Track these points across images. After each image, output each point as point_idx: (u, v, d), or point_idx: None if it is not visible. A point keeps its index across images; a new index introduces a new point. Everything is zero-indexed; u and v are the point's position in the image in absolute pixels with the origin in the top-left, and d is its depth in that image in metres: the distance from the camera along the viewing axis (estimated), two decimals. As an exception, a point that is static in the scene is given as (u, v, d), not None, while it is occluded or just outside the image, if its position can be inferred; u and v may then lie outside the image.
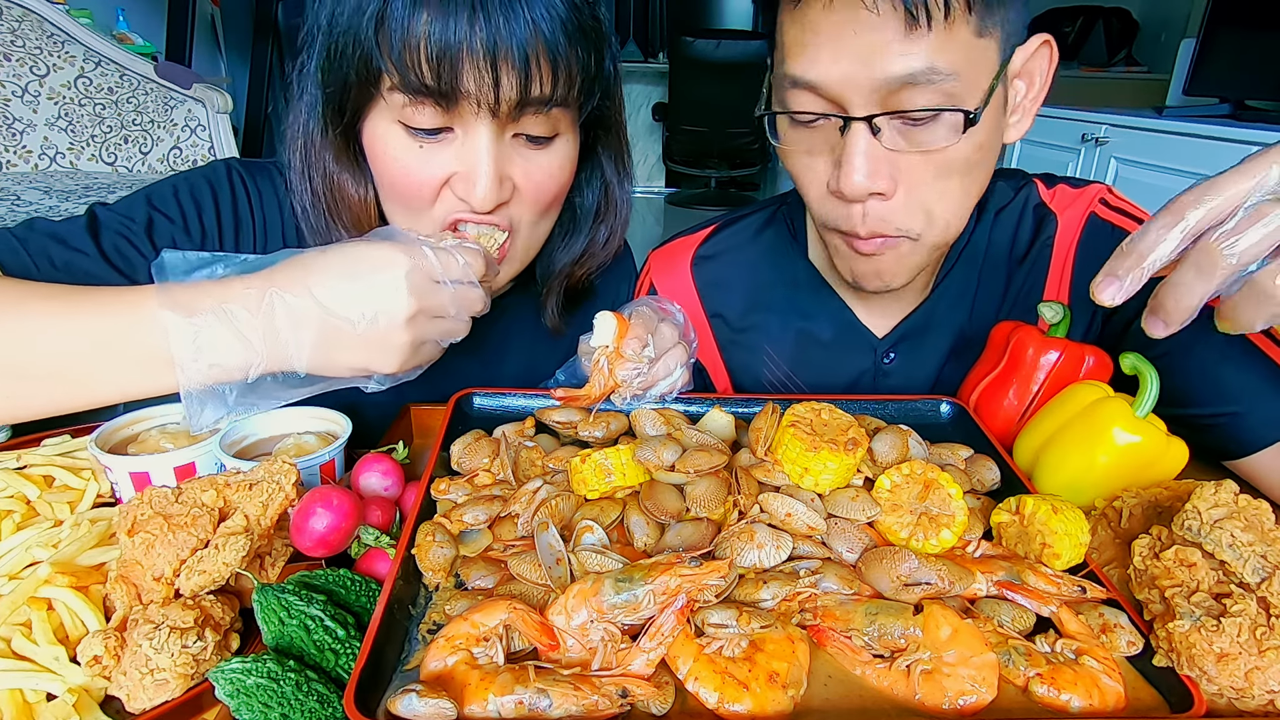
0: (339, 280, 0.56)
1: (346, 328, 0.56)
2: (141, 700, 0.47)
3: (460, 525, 0.60)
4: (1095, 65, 4.53)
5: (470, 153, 0.65)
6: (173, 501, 0.56)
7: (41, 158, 2.74)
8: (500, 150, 0.66)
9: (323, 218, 0.77)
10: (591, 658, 0.47)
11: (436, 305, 0.59)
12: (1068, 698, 0.46)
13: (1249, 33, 2.46)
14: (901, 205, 0.68)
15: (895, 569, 0.53)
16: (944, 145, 0.65)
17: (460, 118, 0.64)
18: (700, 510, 0.60)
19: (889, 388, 0.91)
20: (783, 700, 0.45)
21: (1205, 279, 0.45)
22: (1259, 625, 0.47)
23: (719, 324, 0.96)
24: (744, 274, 0.95)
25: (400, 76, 0.62)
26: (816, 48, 0.63)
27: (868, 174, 0.65)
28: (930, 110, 0.63)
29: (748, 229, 0.97)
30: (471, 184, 0.66)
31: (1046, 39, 0.69)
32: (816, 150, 0.70)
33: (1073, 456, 0.64)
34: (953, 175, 0.68)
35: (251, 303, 0.55)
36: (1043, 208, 0.88)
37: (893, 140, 0.65)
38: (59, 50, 2.72)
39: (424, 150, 0.66)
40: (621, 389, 0.69)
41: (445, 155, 0.67)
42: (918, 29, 0.60)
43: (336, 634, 0.50)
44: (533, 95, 0.63)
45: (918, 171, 0.67)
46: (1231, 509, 0.52)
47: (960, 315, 0.89)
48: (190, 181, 0.82)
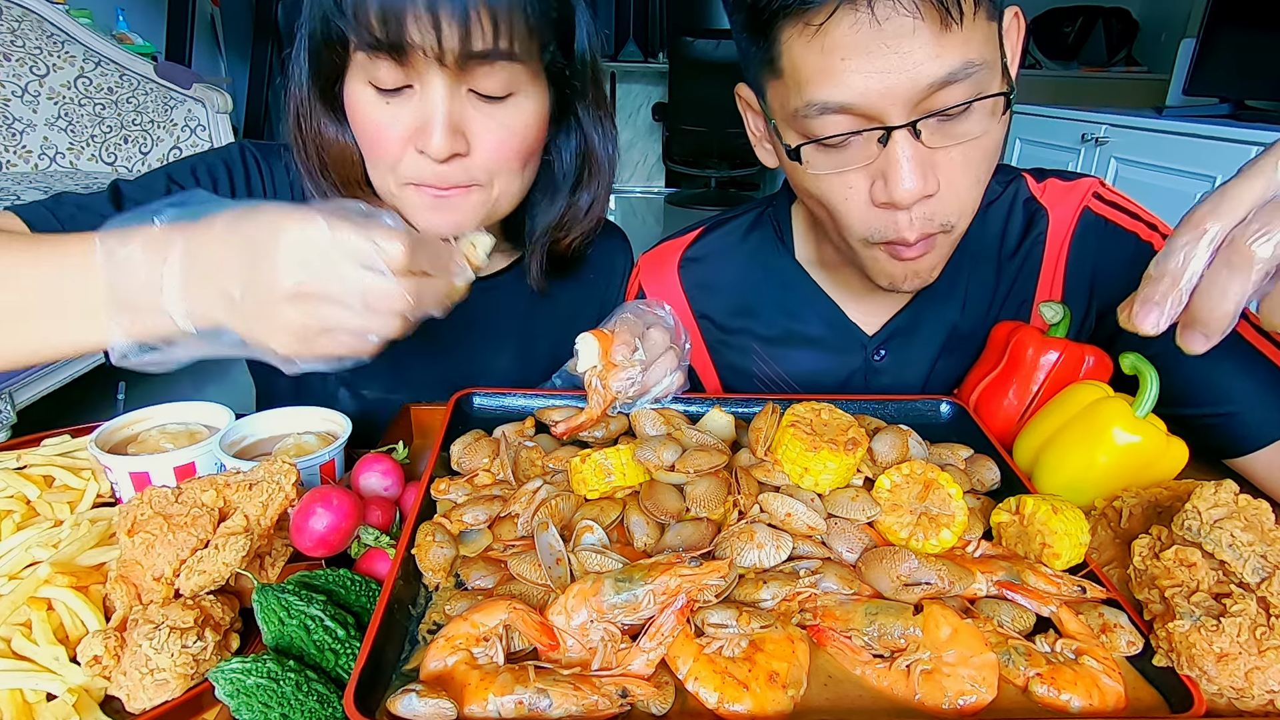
0: (235, 244, 0.51)
1: (229, 294, 0.51)
2: (141, 700, 0.47)
3: (460, 525, 0.60)
4: (1095, 65, 4.53)
5: (426, 105, 0.68)
6: (173, 501, 0.56)
7: (41, 158, 2.74)
8: (455, 104, 0.69)
9: (319, 181, 0.80)
10: (591, 658, 0.47)
11: (331, 291, 0.51)
12: (1068, 698, 0.46)
13: (1249, 33, 2.46)
14: (943, 200, 0.67)
15: (895, 569, 0.53)
16: (981, 133, 0.65)
17: (416, 73, 0.67)
18: (700, 510, 0.60)
19: (881, 385, 0.91)
20: (783, 700, 0.45)
21: (1240, 280, 0.43)
22: (1259, 625, 0.47)
23: (707, 325, 0.96)
24: (731, 276, 0.95)
25: (355, 34, 0.66)
26: (845, 69, 0.61)
27: (919, 178, 0.64)
28: (967, 103, 0.62)
29: (734, 231, 0.97)
30: (427, 135, 0.69)
31: (1016, 10, 0.69)
32: (851, 167, 0.67)
33: (1073, 456, 0.64)
34: (985, 158, 0.68)
35: (153, 253, 0.51)
36: (1033, 202, 0.87)
37: (933, 139, 0.64)
38: (59, 50, 2.72)
39: (390, 107, 0.70)
40: (619, 399, 0.68)
41: (407, 111, 0.70)
42: (952, 27, 0.59)
43: (336, 634, 0.50)
44: (475, 48, 0.65)
45: (957, 163, 0.66)
46: (1231, 509, 0.52)
47: (951, 311, 0.88)
48: (208, 161, 0.86)
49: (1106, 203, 0.84)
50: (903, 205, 0.66)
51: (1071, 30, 4.42)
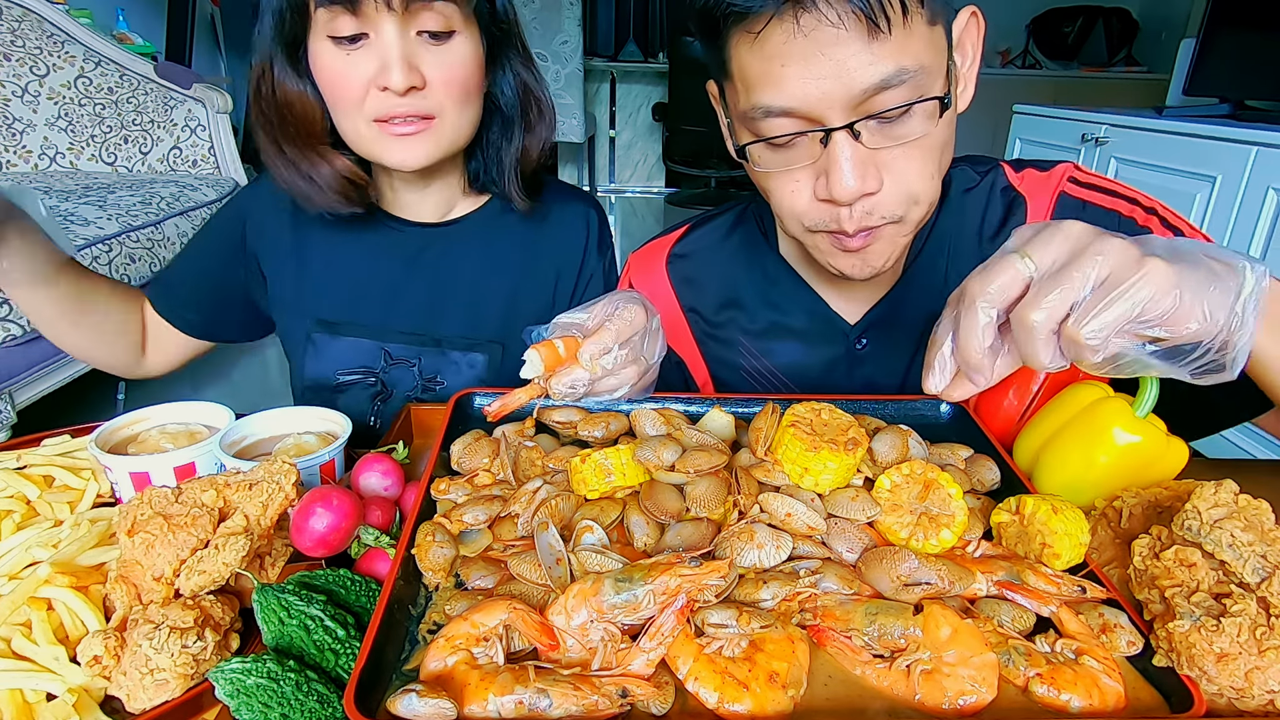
0: None
1: None
2: (141, 700, 0.47)
3: (460, 525, 0.60)
4: (1095, 65, 4.53)
5: (383, 47, 0.80)
6: (173, 501, 0.56)
7: (41, 158, 2.74)
8: (406, 44, 0.80)
9: (278, 140, 0.89)
10: (591, 658, 0.47)
11: None
12: (1068, 698, 0.46)
13: (1249, 33, 2.46)
14: (888, 196, 0.70)
15: (895, 569, 0.53)
16: (921, 134, 0.67)
17: (369, 21, 0.79)
18: (700, 510, 0.60)
19: (865, 374, 0.92)
20: (783, 700, 0.45)
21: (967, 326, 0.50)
22: (1259, 625, 0.47)
23: (695, 318, 0.99)
24: (717, 271, 0.98)
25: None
26: (784, 75, 0.64)
27: (858, 177, 0.67)
28: (904, 105, 0.65)
29: (719, 228, 1.00)
30: (388, 72, 0.80)
31: (973, 10, 0.71)
32: (796, 165, 0.71)
33: (1073, 456, 0.64)
34: (932, 156, 0.70)
35: None
36: (1011, 190, 0.88)
37: (873, 140, 0.67)
38: (59, 50, 2.72)
39: (350, 57, 0.81)
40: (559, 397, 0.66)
41: (367, 58, 0.81)
42: (880, 35, 0.61)
43: (336, 634, 0.50)
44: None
45: (900, 162, 0.69)
46: (1231, 509, 0.52)
47: (931, 300, 0.89)
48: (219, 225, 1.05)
49: (1083, 185, 0.85)
50: (843, 202, 0.69)
51: (1071, 30, 4.42)
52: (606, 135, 6.06)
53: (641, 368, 0.68)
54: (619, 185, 6.33)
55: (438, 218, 1.01)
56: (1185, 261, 0.46)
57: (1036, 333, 0.46)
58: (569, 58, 4.92)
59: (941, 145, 0.70)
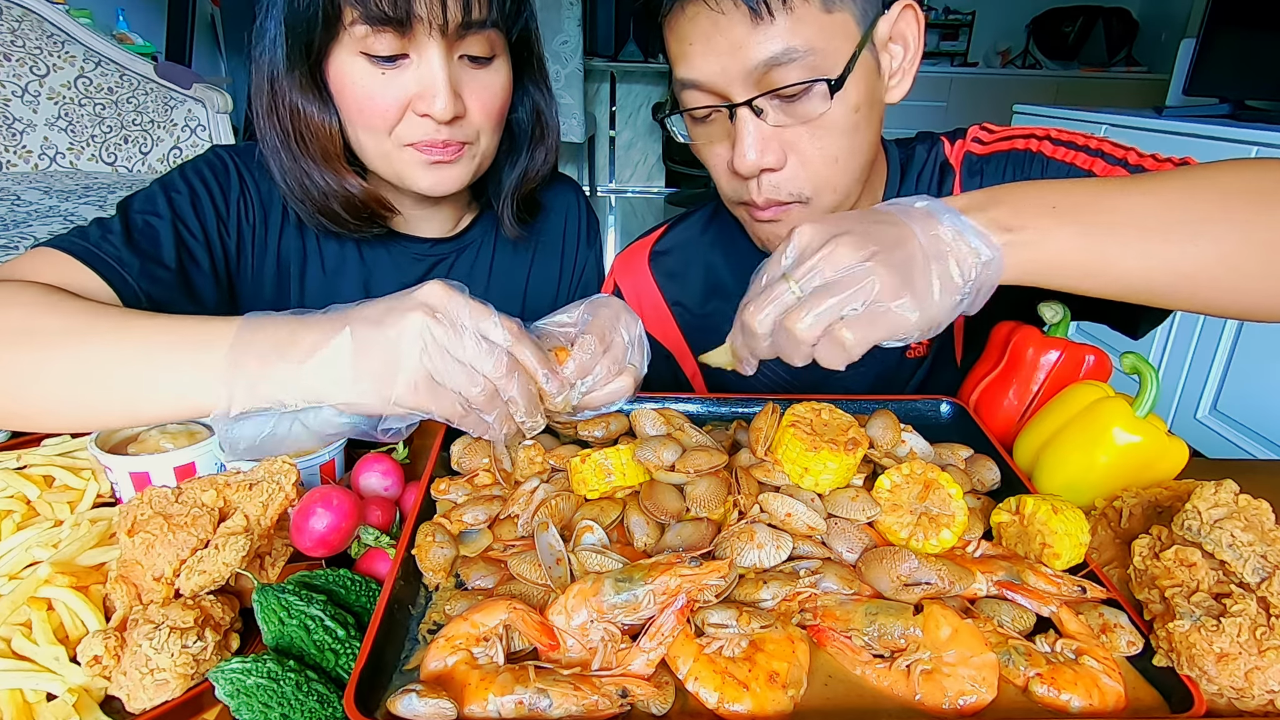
0: None
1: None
2: (141, 700, 0.47)
3: (460, 525, 0.60)
4: (1095, 65, 4.53)
5: (427, 73, 0.75)
6: (173, 501, 0.56)
7: (41, 158, 2.74)
8: (451, 69, 0.76)
9: (292, 154, 0.83)
10: (591, 658, 0.47)
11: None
12: (1068, 698, 0.46)
13: (1249, 33, 2.46)
14: (792, 174, 0.74)
15: (895, 569, 0.53)
16: (819, 113, 0.71)
17: (414, 43, 0.74)
18: (700, 510, 0.60)
19: None
20: (783, 700, 0.45)
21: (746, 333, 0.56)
22: (1259, 625, 0.47)
23: (680, 311, 1.01)
24: (698, 263, 1.01)
25: (362, 9, 0.72)
26: (691, 52, 0.71)
27: (758, 151, 0.72)
28: (798, 84, 0.68)
29: (697, 222, 1.03)
30: (432, 98, 0.75)
31: (909, 4, 0.74)
32: (717, 139, 0.77)
33: (1073, 456, 0.64)
34: (835, 139, 0.73)
35: None
36: (945, 164, 0.90)
37: (775, 117, 0.71)
38: (59, 50, 2.72)
39: (385, 77, 0.76)
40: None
41: (405, 79, 0.76)
42: (763, 21, 0.66)
43: (336, 634, 0.50)
44: (474, 17, 0.75)
45: (803, 142, 0.73)
46: (1231, 509, 0.52)
47: None
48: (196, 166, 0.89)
49: (985, 142, 0.88)
50: (745, 175, 0.74)
51: (1071, 30, 4.42)
52: (606, 135, 6.06)
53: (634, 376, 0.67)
54: (619, 185, 6.33)
55: (444, 234, 0.99)
56: None
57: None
58: (569, 58, 4.93)
59: (845, 129, 0.73)
